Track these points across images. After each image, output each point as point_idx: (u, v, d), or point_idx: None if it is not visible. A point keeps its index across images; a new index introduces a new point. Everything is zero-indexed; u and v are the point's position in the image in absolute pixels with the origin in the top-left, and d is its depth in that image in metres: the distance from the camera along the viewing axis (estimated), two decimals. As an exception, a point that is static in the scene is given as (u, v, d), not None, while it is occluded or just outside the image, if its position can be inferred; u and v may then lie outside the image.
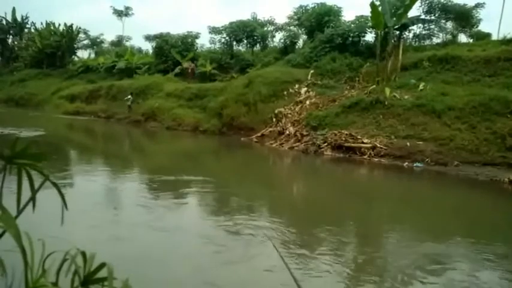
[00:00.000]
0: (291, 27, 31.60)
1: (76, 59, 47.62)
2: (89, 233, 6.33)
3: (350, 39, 24.17)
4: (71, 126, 26.63)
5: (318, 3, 28.24)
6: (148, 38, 44.82)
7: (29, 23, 52.67)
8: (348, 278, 5.50)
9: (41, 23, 48.67)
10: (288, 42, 30.16)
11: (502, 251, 6.73)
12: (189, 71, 30.32)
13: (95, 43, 51.98)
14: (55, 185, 1.30)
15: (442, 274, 5.65)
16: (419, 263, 6.05)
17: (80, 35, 47.80)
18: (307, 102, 20.40)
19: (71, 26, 45.60)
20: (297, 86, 22.03)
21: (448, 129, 15.12)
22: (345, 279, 5.46)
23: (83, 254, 1.33)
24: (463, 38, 26.45)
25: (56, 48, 44.21)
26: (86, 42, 51.26)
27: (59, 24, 46.21)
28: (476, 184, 12.37)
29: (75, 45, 47.64)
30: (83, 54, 51.06)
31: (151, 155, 17.70)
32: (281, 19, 47.17)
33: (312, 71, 23.04)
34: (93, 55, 49.66)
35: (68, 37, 45.02)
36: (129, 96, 28.06)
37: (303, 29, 29.49)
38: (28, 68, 45.90)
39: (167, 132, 23.76)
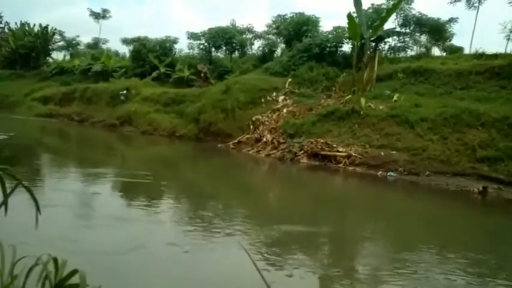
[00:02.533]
0: (270, 36, 31.82)
1: (50, 60, 46.47)
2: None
3: (327, 49, 24.47)
4: (44, 129, 26.01)
5: (296, 13, 28.54)
6: (125, 41, 44.36)
7: (3, 22, 51.17)
8: (317, 280, 5.60)
9: (15, 23, 47.36)
10: (266, 50, 30.34)
11: (469, 258, 6.89)
12: (202, 74, 28.58)
13: (71, 45, 50.92)
14: (28, 189, 1.28)
15: (407, 281, 5.75)
16: (385, 268, 6.20)
17: (55, 36, 46.73)
18: (285, 110, 20.53)
19: (46, 26, 44.62)
20: (274, 93, 22.15)
21: (421, 140, 15.41)
22: (314, 282, 5.58)
23: (55, 260, 1.31)
24: (436, 51, 27.28)
25: (30, 49, 43.14)
26: (61, 43, 50.11)
27: (34, 25, 45.10)
28: (447, 194, 12.65)
29: (50, 47, 46.50)
30: (57, 55, 49.92)
31: (124, 159, 17.44)
32: (260, 27, 47.44)
33: (289, 80, 23.20)
34: (68, 57, 48.63)
35: (43, 38, 44.01)
36: (125, 92, 27.78)
37: (281, 38, 29.75)
38: (0, 69, 44.56)
39: (143, 137, 23.48)
